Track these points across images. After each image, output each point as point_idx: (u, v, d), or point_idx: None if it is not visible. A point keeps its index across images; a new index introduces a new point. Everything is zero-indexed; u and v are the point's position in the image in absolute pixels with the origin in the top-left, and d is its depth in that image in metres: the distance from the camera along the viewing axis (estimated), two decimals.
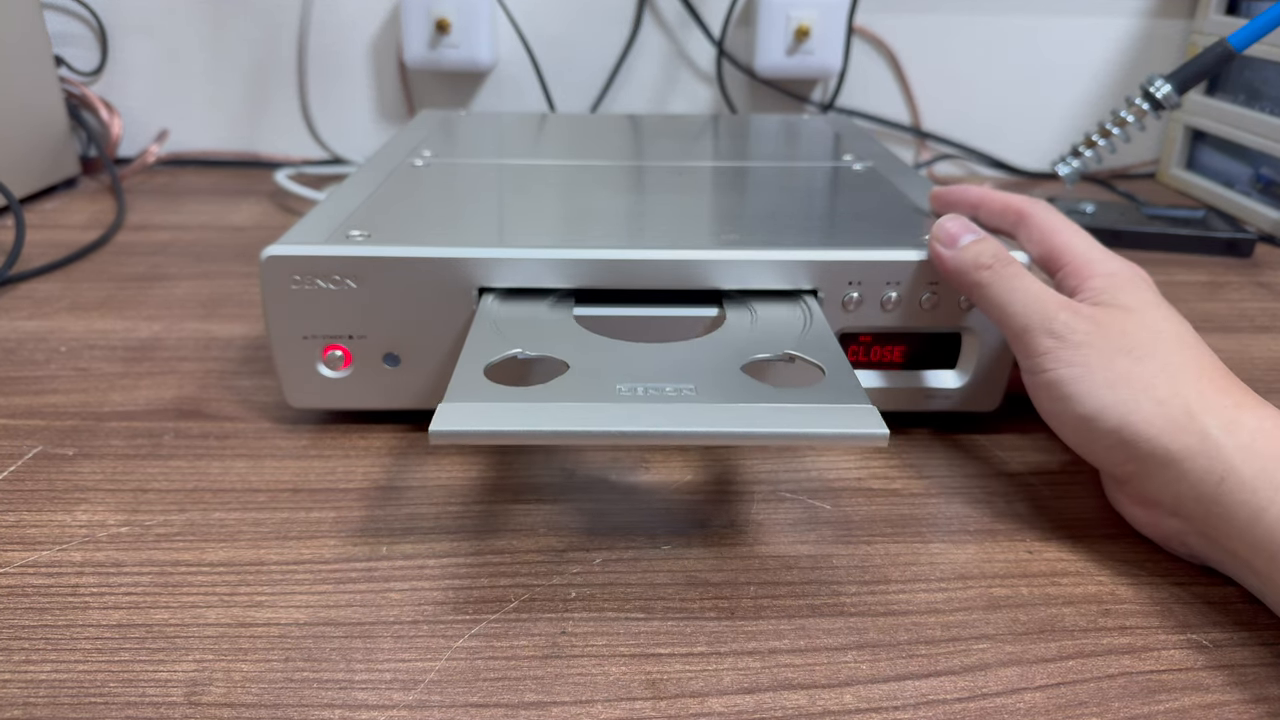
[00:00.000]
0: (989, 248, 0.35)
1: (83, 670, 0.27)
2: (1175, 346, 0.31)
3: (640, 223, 0.41)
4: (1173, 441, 0.29)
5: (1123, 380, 0.31)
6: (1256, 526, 0.28)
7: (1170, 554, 0.33)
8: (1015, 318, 0.33)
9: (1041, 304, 0.33)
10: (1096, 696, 0.27)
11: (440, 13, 0.76)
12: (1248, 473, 0.28)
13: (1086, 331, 0.32)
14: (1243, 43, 0.55)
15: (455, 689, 0.27)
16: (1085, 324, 0.32)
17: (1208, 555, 0.31)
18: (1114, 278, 0.34)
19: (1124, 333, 0.32)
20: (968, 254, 0.35)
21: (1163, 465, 0.30)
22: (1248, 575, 0.30)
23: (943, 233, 0.37)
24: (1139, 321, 0.32)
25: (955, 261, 0.36)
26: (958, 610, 0.30)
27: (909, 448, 0.40)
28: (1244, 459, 0.28)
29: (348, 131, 0.85)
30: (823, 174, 0.50)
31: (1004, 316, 0.34)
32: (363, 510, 0.35)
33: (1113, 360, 0.31)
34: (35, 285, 0.56)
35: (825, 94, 0.85)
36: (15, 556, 0.32)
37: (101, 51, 0.81)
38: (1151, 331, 0.32)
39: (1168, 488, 0.30)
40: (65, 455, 0.38)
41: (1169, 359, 0.31)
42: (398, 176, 0.47)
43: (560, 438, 0.28)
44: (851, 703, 0.26)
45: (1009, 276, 0.34)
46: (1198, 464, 0.29)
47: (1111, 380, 0.31)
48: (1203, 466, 0.29)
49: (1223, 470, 0.28)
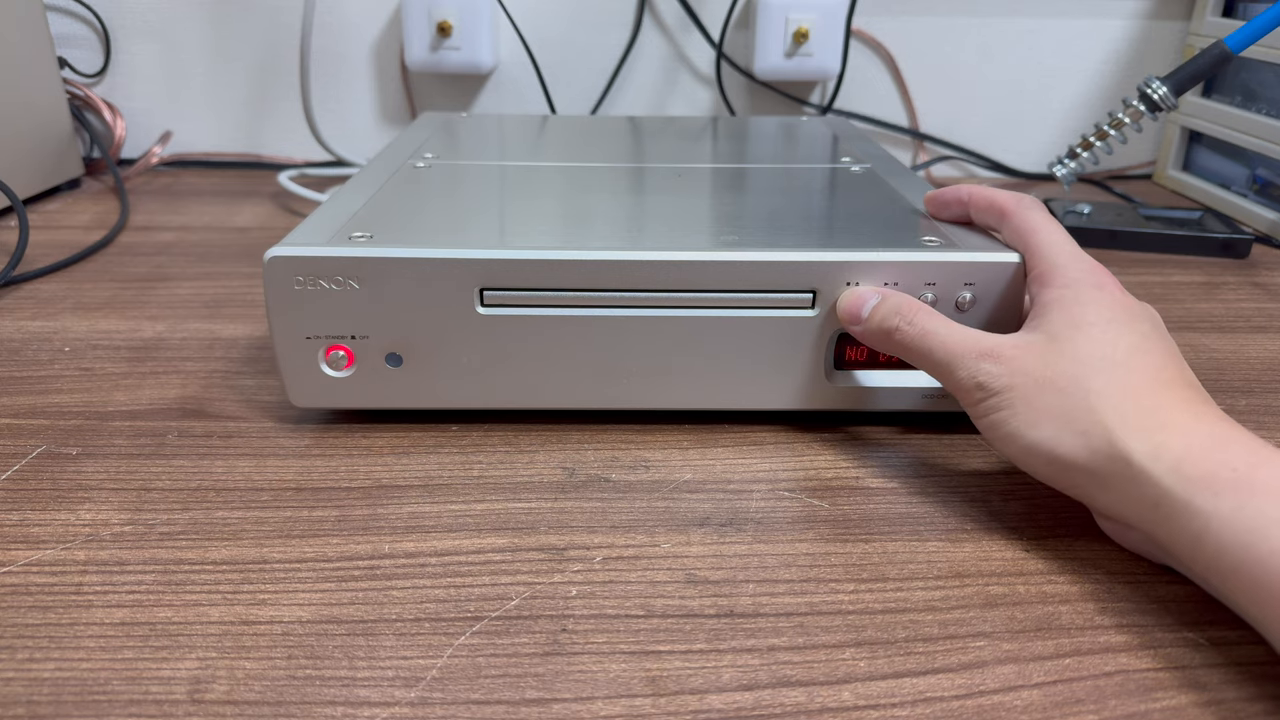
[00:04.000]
0: (890, 306, 0.36)
1: (86, 668, 0.27)
2: (1101, 370, 0.31)
3: (640, 224, 0.41)
4: (1100, 469, 0.30)
5: (1046, 417, 0.31)
6: (1200, 549, 0.27)
7: None
8: (939, 367, 0.34)
9: (963, 352, 0.33)
10: (1093, 694, 0.27)
11: (441, 15, 0.77)
12: (1180, 498, 0.27)
13: (1010, 374, 0.32)
14: (1239, 44, 0.56)
15: (457, 686, 0.27)
16: (1006, 367, 0.32)
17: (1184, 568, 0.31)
18: (1067, 290, 0.33)
19: (1046, 365, 0.32)
20: (873, 322, 0.36)
21: (1101, 491, 0.30)
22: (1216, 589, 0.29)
23: (846, 314, 0.37)
24: (1066, 351, 0.32)
25: (866, 333, 0.37)
26: (955, 608, 0.30)
27: (907, 447, 0.40)
28: (1174, 483, 0.28)
29: (350, 133, 0.85)
30: (821, 175, 0.50)
31: (930, 367, 0.35)
32: (365, 509, 0.35)
33: (1037, 397, 0.31)
34: (39, 285, 0.57)
35: (824, 96, 0.85)
36: (19, 555, 0.32)
37: (105, 53, 0.81)
38: (1075, 360, 0.31)
39: (1113, 508, 0.31)
40: (69, 454, 0.38)
41: (1091, 386, 0.30)
42: (400, 178, 0.48)
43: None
44: (849, 700, 0.27)
45: (920, 331, 0.35)
46: (1130, 490, 0.29)
47: (1034, 420, 0.31)
48: (1135, 493, 0.29)
49: (1155, 496, 0.28)
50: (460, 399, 0.40)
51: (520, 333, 0.38)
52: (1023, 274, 0.37)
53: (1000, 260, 0.37)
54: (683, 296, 0.38)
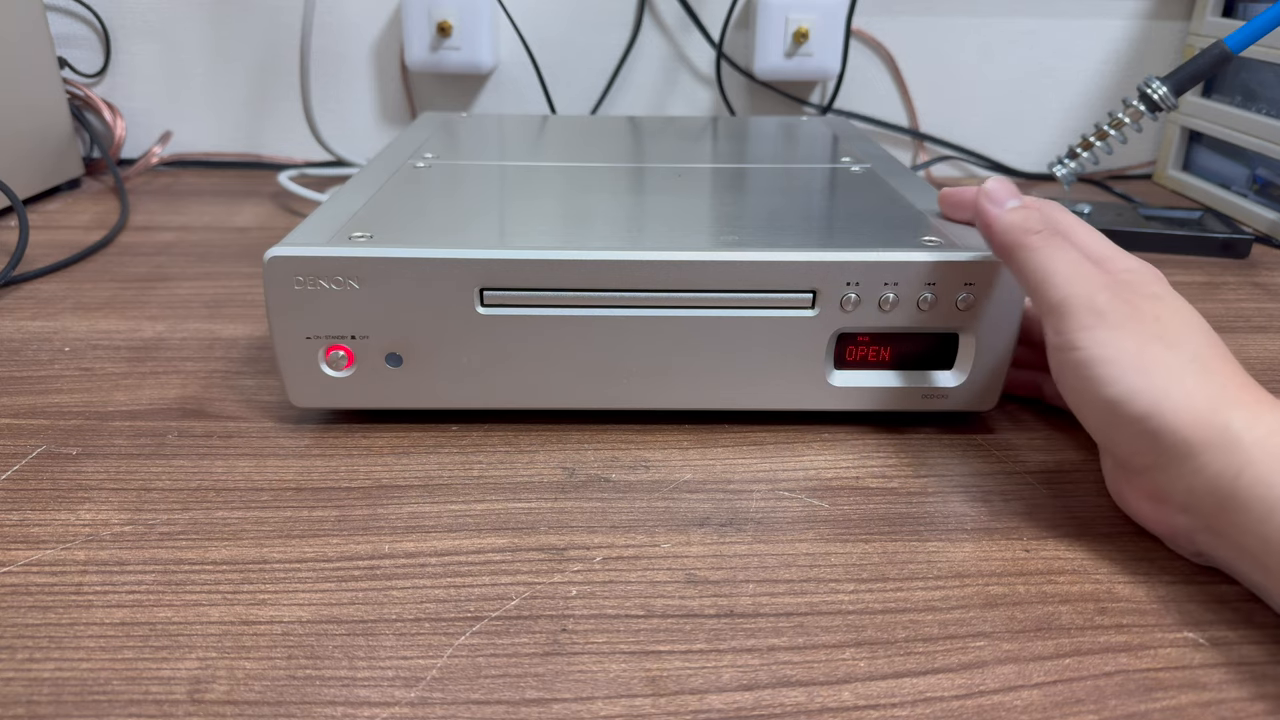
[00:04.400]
0: (1037, 215, 0.35)
1: (86, 668, 0.27)
2: (1205, 339, 0.31)
3: (640, 224, 0.41)
4: (1194, 434, 0.29)
5: (1155, 366, 0.30)
6: (1269, 521, 0.28)
7: (1169, 552, 0.33)
8: (1056, 289, 0.33)
9: (1086, 279, 0.32)
10: (1093, 694, 0.27)
11: (441, 15, 0.77)
12: (1265, 468, 0.28)
13: (1125, 314, 0.31)
14: (1239, 44, 0.56)
15: (457, 686, 0.27)
16: (1124, 306, 0.32)
17: (1214, 552, 0.31)
18: (1134, 272, 0.33)
19: (1158, 319, 0.31)
20: (1015, 215, 0.35)
21: (1183, 457, 0.30)
22: (1254, 572, 0.30)
23: (994, 191, 0.35)
24: (1171, 309, 0.32)
25: (1003, 221, 0.35)
26: (955, 608, 0.30)
27: (906, 447, 0.40)
28: (1262, 454, 0.28)
29: (350, 133, 0.85)
30: (821, 175, 0.50)
31: (1044, 286, 0.33)
32: (365, 509, 0.35)
33: (1146, 345, 0.31)
34: (39, 285, 0.57)
35: (824, 96, 0.85)
36: (19, 555, 0.32)
37: (105, 53, 0.81)
38: (1183, 321, 0.32)
39: (1182, 480, 0.30)
40: (69, 454, 0.38)
41: (1199, 350, 0.31)
42: (400, 178, 0.48)
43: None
44: (849, 700, 0.27)
45: (1053, 246, 0.33)
46: (1217, 457, 0.29)
47: (1143, 365, 0.30)
48: (1221, 460, 0.29)
49: (1241, 463, 0.29)
50: (460, 399, 0.40)
51: (520, 333, 0.38)
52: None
53: (1000, 260, 0.37)
54: (683, 296, 0.38)
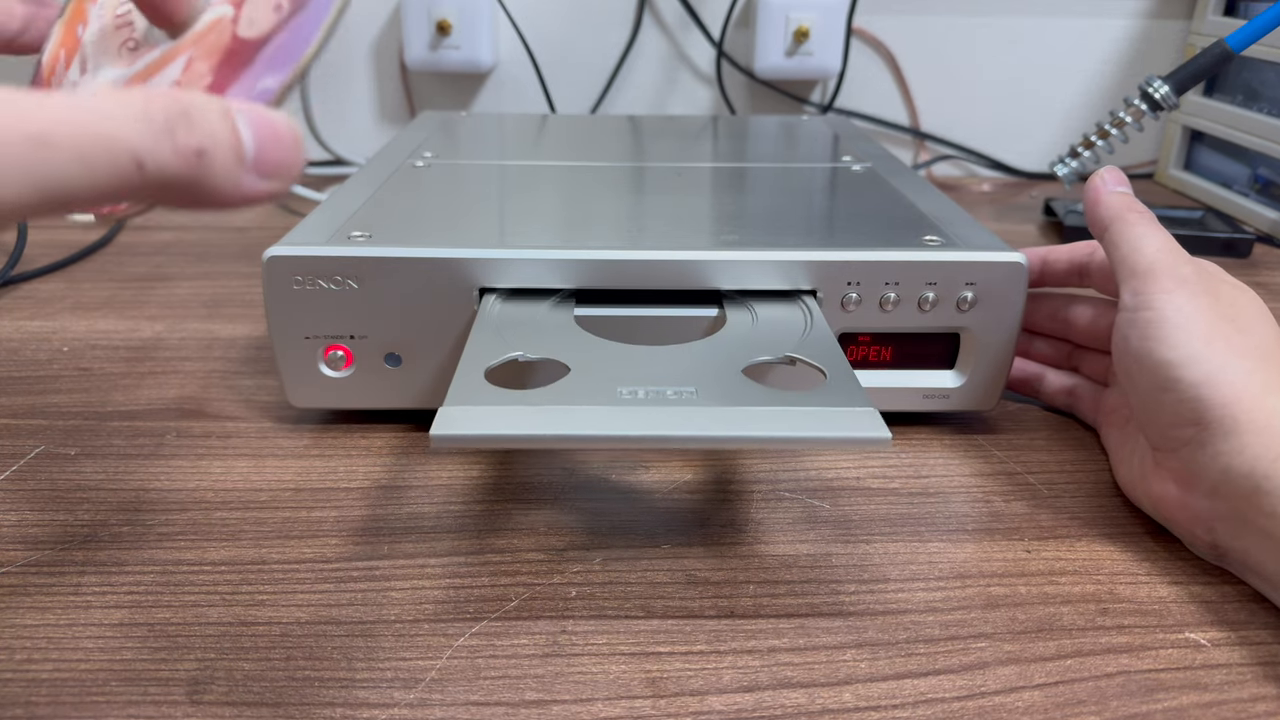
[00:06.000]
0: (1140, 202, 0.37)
1: (85, 669, 0.27)
2: (1273, 332, 0.33)
3: (640, 223, 0.41)
4: (1243, 412, 0.30)
5: (1220, 339, 0.32)
6: None
7: (1171, 553, 0.33)
8: (1147, 254, 0.34)
9: (1176, 251, 0.34)
10: (1095, 695, 0.27)
11: (441, 14, 0.77)
12: None
13: (1205, 288, 0.33)
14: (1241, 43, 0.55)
15: (456, 688, 0.27)
16: (1205, 283, 0.33)
17: (1231, 543, 0.31)
18: (1205, 266, 0.35)
19: (1233, 304, 0.33)
20: (1123, 194, 0.37)
21: (1226, 434, 0.30)
22: (1274, 562, 0.29)
23: (1107, 173, 0.39)
24: (1247, 298, 0.34)
25: (1113, 195, 0.37)
26: (956, 609, 0.30)
27: (908, 447, 0.40)
28: None
29: (349, 133, 0.85)
30: (822, 175, 0.50)
31: (1137, 251, 0.35)
32: (364, 509, 0.35)
33: (1217, 322, 0.32)
34: (37, 285, 0.56)
35: (824, 95, 0.85)
36: (18, 555, 0.32)
37: None
38: (1256, 311, 0.33)
39: (1219, 460, 0.30)
40: (68, 455, 0.38)
41: (1265, 338, 0.32)
42: (399, 177, 0.48)
43: (561, 441, 0.28)
44: (850, 701, 0.27)
45: (1153, 223, 0.36)
46: (1259, 439, 0.29)
47: (1209, 335, 0.32)
48: (1263, 442, 0.29)
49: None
50: None
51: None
52: (1023, 274, 0.37)
53: (1001, 260, 0.37)
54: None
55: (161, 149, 0.18)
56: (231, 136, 0.19)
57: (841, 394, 0.30)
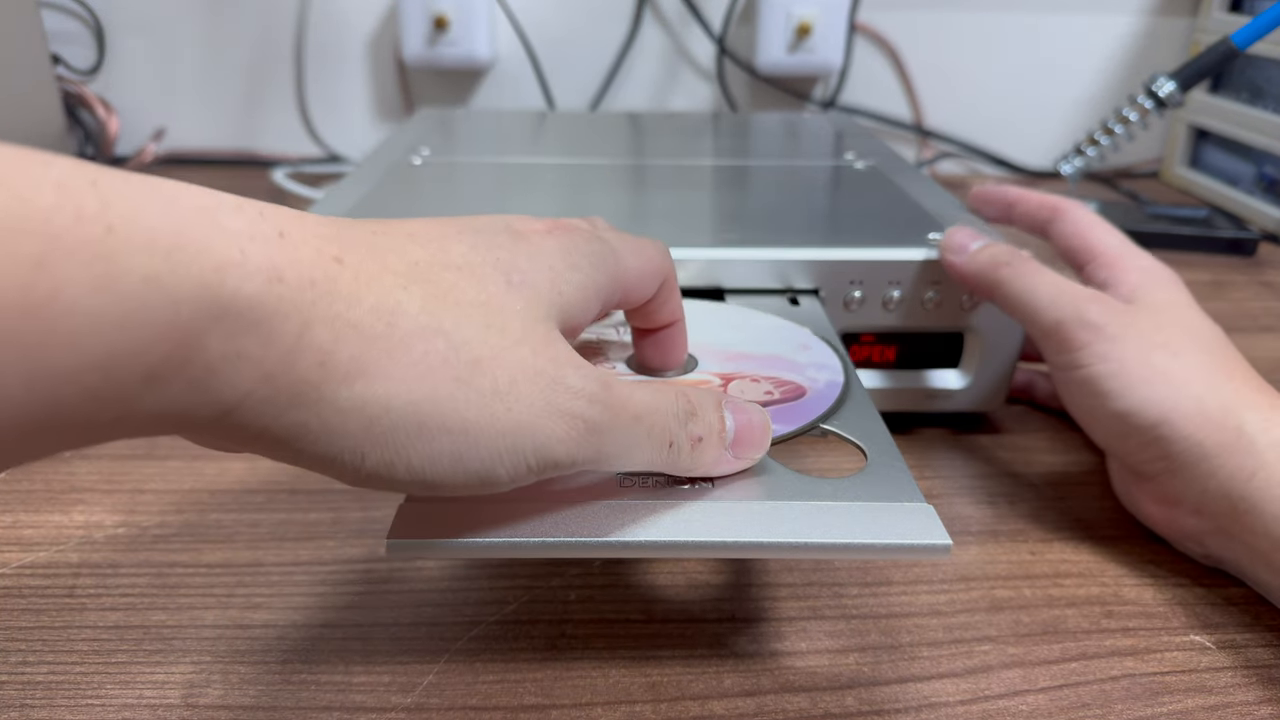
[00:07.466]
0: (1003, 247, 0.35)
1: (79, 672, 0.27)
2: (1210, 344, 0.31)
3: (641, 221, 0.41)
4: (1208, 438, 0.29)
5: (1160, 376, 0.30)
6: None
7: (1175, 555, 0.33)
8: (1044, 311, 0.32)
9: (1071, 296, 0.32)
10: (1099, 698, 0.27)
11: (439, 10, 0.76)
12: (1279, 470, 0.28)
13: (1122, 324, 0.31)
14: (1246, 41, 0.55)
15: (454, 691, 0.26)
16: (1119, 317, 0.31)
17: (1223, 554, 0.31)
18: (1147, 273, 0.33)
19: (1158, 328, 0.31)
20: (983, 255, 0.35)
21: (1195, 461, 0.30)
22: (1265, 573, 0.29)
23: (953, 242, 0.36)
24: (1173, 318, 0.32)
25: (971, 265, 0.35)
26: (960, 612, 0.30)
27: (911, 448, 0.39)
28: (1276, 456, 0.28)
29: (345, 129, 0.84)
30: (824, 172, 0.50)
31: (1031, 312, 0.33)
32: (360, 511, 0.35)
33: (1149, 356, 0.31)
34: None
35: (826, 91, 0.84)
36: (12, 558, 0.32)
37: (99, 50, 0.81)
38: (1185, 327, 0.32)
39: (1195, 484, 0.30)
40: (62, 456, 0.38)
41: (1203, 356, 0.31)
42: (396, 175, 0.47)
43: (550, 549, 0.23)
44: (853, 705, 0.26)
45: (1029, 272, 0.34)
46: (1231, 460, 0.29)
47: (1149, 376, 0.30)
48: (1235, 463, 0.29)
49: (1254, 466, 0.28)
50: None
51: None
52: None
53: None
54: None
55: (680, 435, 0.23)
56: (720, 424, 0.24)
57: (887, 483, 0.25)
